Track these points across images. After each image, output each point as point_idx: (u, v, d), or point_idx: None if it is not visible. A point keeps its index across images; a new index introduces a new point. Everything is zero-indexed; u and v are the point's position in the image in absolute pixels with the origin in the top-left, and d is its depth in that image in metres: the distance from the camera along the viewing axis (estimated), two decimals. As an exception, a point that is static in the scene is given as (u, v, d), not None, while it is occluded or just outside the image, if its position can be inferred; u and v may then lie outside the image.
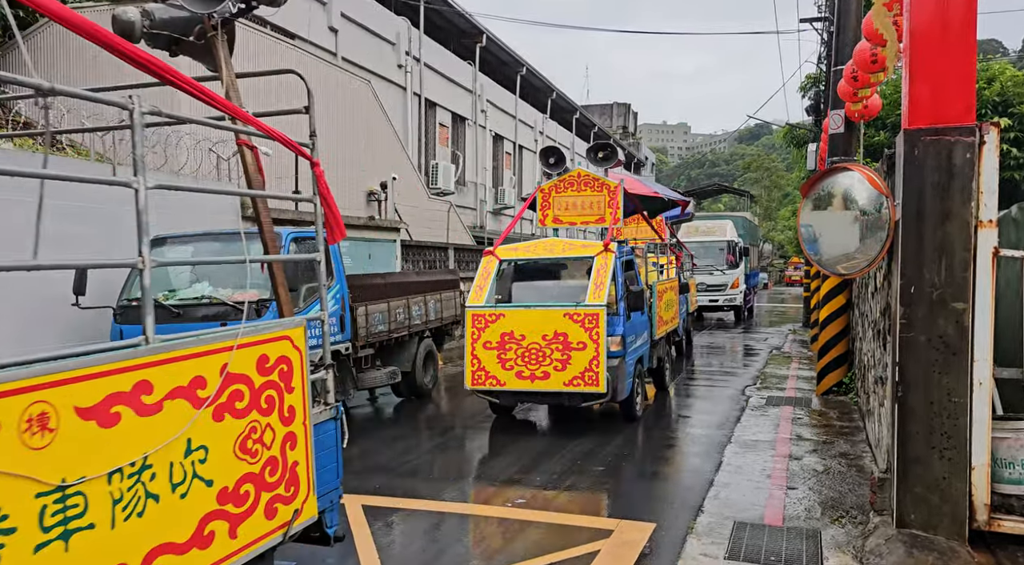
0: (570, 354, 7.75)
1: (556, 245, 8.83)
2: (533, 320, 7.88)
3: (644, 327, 9.34)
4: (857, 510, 5.48)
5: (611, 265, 8.02)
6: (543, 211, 9.43)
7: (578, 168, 9.60)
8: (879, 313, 6.41)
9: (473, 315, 8.10)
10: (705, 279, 22.24)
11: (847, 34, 9.73)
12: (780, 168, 65.27)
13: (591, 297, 7.78)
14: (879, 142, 15.19)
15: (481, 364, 8.03)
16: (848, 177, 5.43)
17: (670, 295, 11.12)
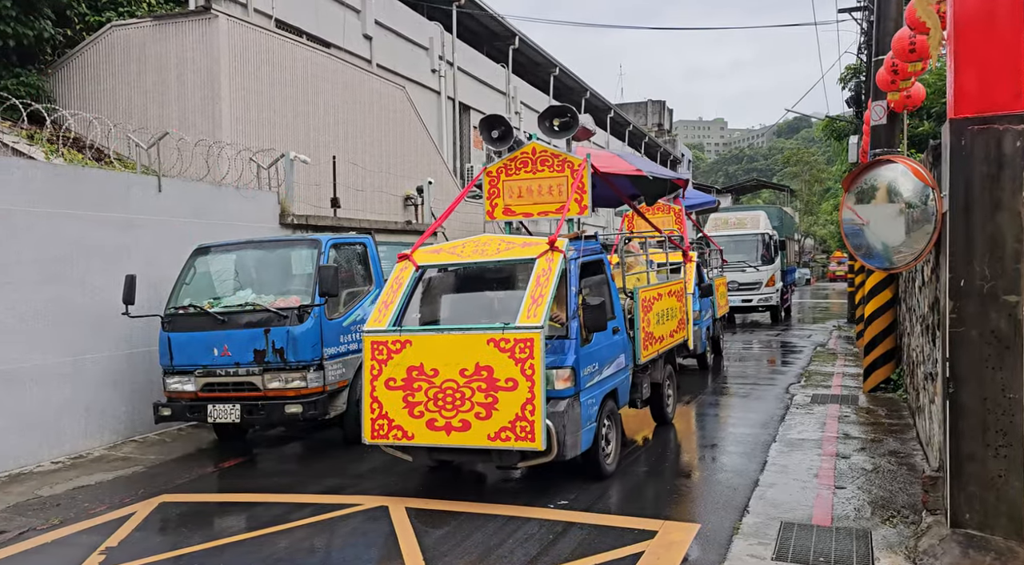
0: (496, 396, 5.62)
1: (491, 244, 6.52)
2: (448, 349, 5.77)
3: (617, 350, 6.96)
4: (909, 510, 5.35)
5: (556, 270, 5.87)
6: (491, 200, 7.34)
7: (533, 142, 7.22)
8: (927, 308, 6.26)
9: (372, 343, 5.97)
10: (736, 277, 20.20)
11: (888, 23, 9.52)
12: (820, 162, 64.11)
13: (524, 316, 5.63)
14: (924, 133, 14.82)
15: (383, 410, 5.91)
16: (892, 169, 5.32)
17: (669, 304, 8.48)
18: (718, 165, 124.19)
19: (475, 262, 6.46)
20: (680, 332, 8.96)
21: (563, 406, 5.79)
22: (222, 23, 12.23)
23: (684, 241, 11.42)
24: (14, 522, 5.97)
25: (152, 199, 8.91)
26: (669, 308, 8.50)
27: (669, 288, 8.64)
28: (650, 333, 7.68)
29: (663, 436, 8.17)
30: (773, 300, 20.97)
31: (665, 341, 8.26)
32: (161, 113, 12.42)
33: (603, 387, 6.52)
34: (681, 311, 9.09)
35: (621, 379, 7.05)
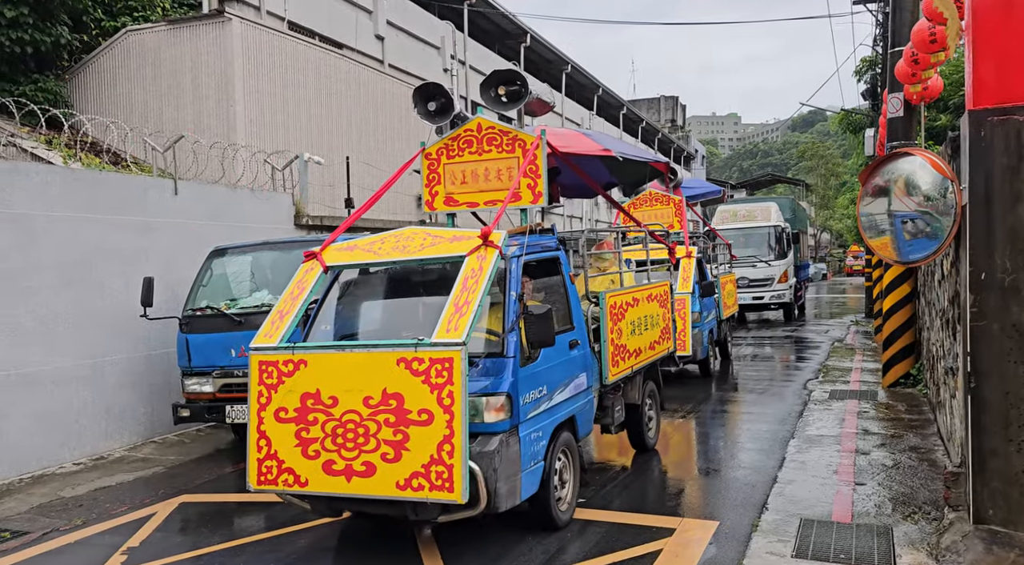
0: (406, 431, 4.37)
1: (415, 239, 5.27)
2: (350, 372, 4.55)
3: (576, 368, 5.68)
4: (930, 506, 5.30)
5: (488, 270, 4.65)
6: (430, 187, 6.13)
7: (479, 117, 5.93)
8: (947, 301, 6.18)
9: (260, 363, 4.77)
10: (747, 273, 18.89)
11: (904, 14, 9.41)
12: (836, 155, 63.62)
13: (442, 329, 4.42)
14: (941, 125, 14.66)
15: (271, 448, 4.70)
16: (910, 162, 5.26)
17: (648, 310, 7.09)
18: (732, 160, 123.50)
19: (394, 261, 5.24)
20: (665, 342, 7.55)
21: (494, 444, 4.55)
22: (235, 26, 12.31)
23: (683, 235, 10.83)
24: (38, 523, 6.04)
25: (168, 202, 8.98)
26: (649, 315, 7.06)
27: (649, 291, 7.18)
28: (622, 346, 6.35)
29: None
30: (786, 297, 19.67)
31: (644, 354, 6.90)
32: (176, 116, 12.53)
33: (554, 415, 5.25)
34: (666, 318, 7.59)
35: (581, 404, 5.74)
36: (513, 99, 6.00)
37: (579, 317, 5.92)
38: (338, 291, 5.86)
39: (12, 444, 7.32)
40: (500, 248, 4.80)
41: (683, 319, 9.54)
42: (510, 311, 4.93)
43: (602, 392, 6.27)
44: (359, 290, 5.95)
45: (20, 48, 11.95)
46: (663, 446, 7.64)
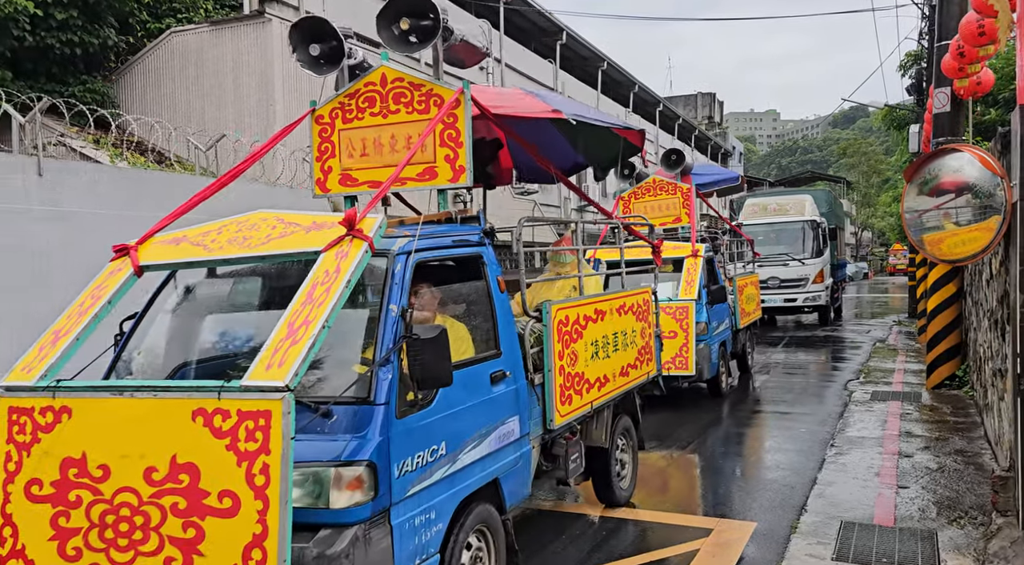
0: (199, 526, 2.75)
1: (261, 226, 3.72)
2: (128, 428, 2.92)
3: (502, 411, 4.10)
4: (977, 510, 5.17)
5: (347, 275, 3.11)
6: (321, 161, 4.55)
7: (383, 66, 4.41)
8: (996, 301, 6.02)
9: (10, 410, 3.11)
10: (777, 272, 17.31)
11: (952, 7, 9.17)
12: (878, 152, 62.27)
13: (260, 366, 2.83)
14: (991, 120, 14.25)
15: (17, 540, 3.03)
16: (957, 159, 5.14)
17: (619, 325, 5.53)
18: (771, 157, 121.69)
19: (225, 259, 3.65)
20: (644, 366, 6.00)
21: (344, 543, 2.99)
22: (275, 26, 12.51)
23: (690, 230, 9.56)
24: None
25: (210, 199, 9.15)
26: (621, 332, 5.52)
27: (621, 301, 5.60)
28: (577, 375, 4.81)
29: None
30: (821, 299, 17.77)
31: (613, 383, 5.34)
32: (218, 115, 12.78)
33: (460, 483, 3.67)
34: (646, 334, 6.08)
35: (510, 460, 4.14)
36: (423, 38, 4.50)
37: (510, 338, 4.23)
38: (175, 301, 4.21)
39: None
40: (370, 240, 3.23)
41: (686, 332, 8.26)
42: (385, 334, 3.31)
43: (547, 440, 4.67)
44: (199, 300, 4.24)
45: (69, 50, 12.29)
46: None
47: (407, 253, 3.62)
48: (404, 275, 3.55)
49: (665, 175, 10.12)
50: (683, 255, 9.00)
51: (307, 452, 3.02)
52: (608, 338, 5.35)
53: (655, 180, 10.06)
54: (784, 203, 18.85)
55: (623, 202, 10.17)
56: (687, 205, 9.90)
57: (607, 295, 5.57)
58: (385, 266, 3.55)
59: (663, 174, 10.17)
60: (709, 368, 8.93)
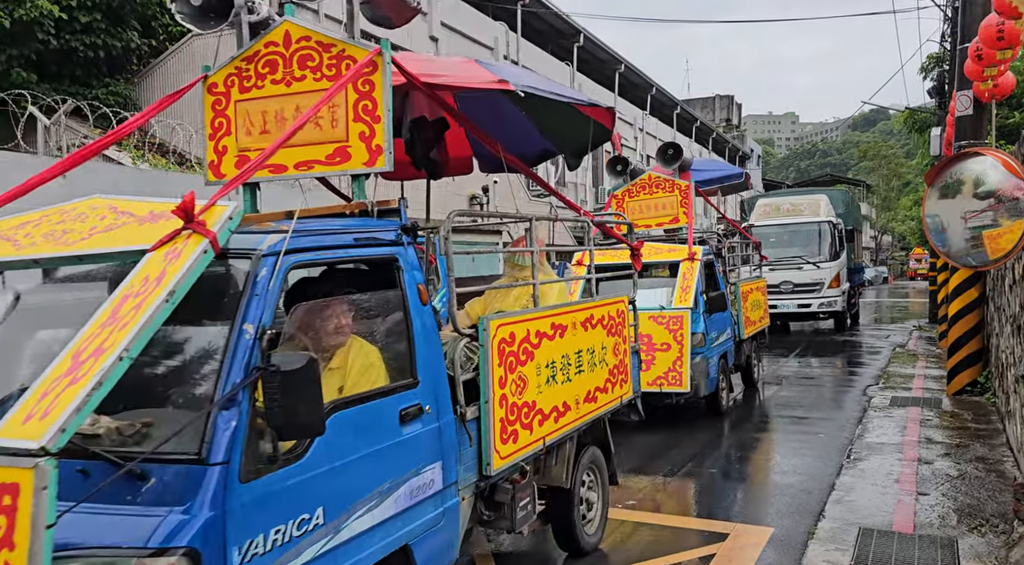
0: None
1: (89, 216, 2.75)
2: None
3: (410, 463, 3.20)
4: (999, 518, 5.10)
5: (170, 284, 2.23)
6: (215, 140, 3.79)
7: (285, 22, 3.69)
8: (1019, 307, 5.94)
9: None
10: (791, 276, 16.44)
11: (975, 9, 9.08)
12: (899, 155, 61.69)
13: (14, 421, 1.91)
14: (1014, 123, 14.08)
15: None
16: (979, 162, 5.09)
17: (584, 342, 4.67)
18: (789, 160, 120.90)
19: (34, 258, 2.71)
20: (617, 388, 5.10)
21: None
22: (295, 29, 12.62)
23: (688, 231, 8.63)
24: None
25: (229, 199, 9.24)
26: (586, 350, 4.64)
27: (588, 312, 4.71)
28: (526, 405, 3.92)
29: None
30: (837, 305, 16.81)
31: (575, 412, 4.44)
32: (238, 118, 12.90)
33: (349, 559, 2.83)
34: (620, 351, 5.19)
35: (427, 518, 3.29)
36: None
37: (432, 363, 3.35)
38: None
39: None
40: (213, 235, 2.46)
41: (680, 344, 7.48)
42: (232, 365, 2.48)
43: (483, 488, 3.78)
44: (23, 314, 3.07)
45: (93, 53, 12.47)
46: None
47: (276, 254, 2.71)
48: (269, 283, 2.64)
49: (662, 171, 9.36)
50: (679, 259, 8.20)
51: (105, 533, 2.20)
52: (569, 358, 4.43)
53: (651, 177, 9.32)
54: (798, 203, 17.88)
55: (616, 200, 9.44)
56: (686, 204, 9.01)
57: (569, 306, 4.62)
58: (250, 272, 2.64)
59: (660, 170, 9.41)
60: (707, 384, 8.03)
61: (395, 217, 3.43)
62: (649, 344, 7.43)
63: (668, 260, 8.34)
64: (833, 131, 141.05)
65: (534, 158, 5.58)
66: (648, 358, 7.35)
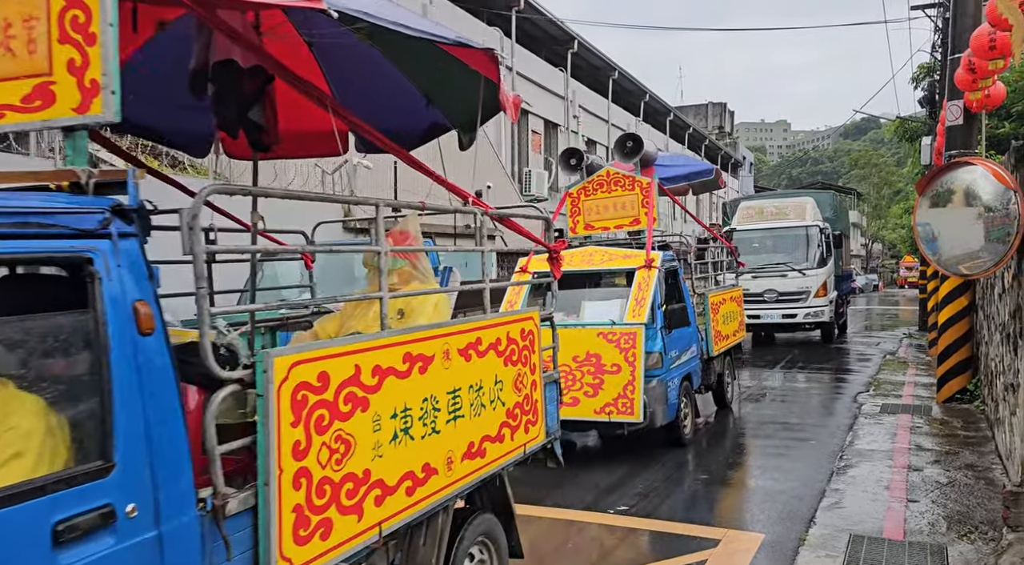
0: None
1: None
2: None
3: None
4: (988, 525, 5.13)
5: None
6: None
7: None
8: (1008, 316, 5.99)
9: None
10: (775, 284, 15.64)
11: (965, 19, 9.17)
12: (890, 164, 62.05)
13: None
14: (1004, 133, 14.18)
15: None
16: (970, 172, 5.14)
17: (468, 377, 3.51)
18: (781, 168, 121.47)
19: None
20: (520, 433, 3.98)
21: None
22: (290, 33, 12.60)
23: (647, 235, 7.81)
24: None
25: (223, 203, 9.21)
26: (471, 386, 3.55)
27: (472, 337, 3.59)
28: (348, 480, 2.69)
29: None
30: (824, 315, 15.85)
31: (447, 475, 3.30)
32: (232, 121, 12.87)
33: None
34: (526, 384, 4.05)
35: None
36: None
37: (151, 431, 2.13)
38: None
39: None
40: None
41: (632, 365, 6.54)
42: None
43: None
44: None
45: (86, 54, 12.41)
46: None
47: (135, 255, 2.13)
48: None
49: (621, 167, 8.45)
50: (634, 266, 7.25)
51: None
52: (438, 401, 3.22)
53: (609, 173, 8.42)
54: (783, 206, 16.86)
55: (571, 199, 8.56)
56: (646, 204, 8.06)
57: (439, 328, 3.30)
58: None
59: (620, 166, 8.50)
60: (664, 411, 7.03)
61: (111, 193, 2.17)
62: (597, 365, 6.65)
63: (621, 268, 7.48)
64: (825, 139, 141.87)
65: (422, 134, 4.37)
66: (596, 382, 6.62)
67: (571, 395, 6.51)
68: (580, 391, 6.62)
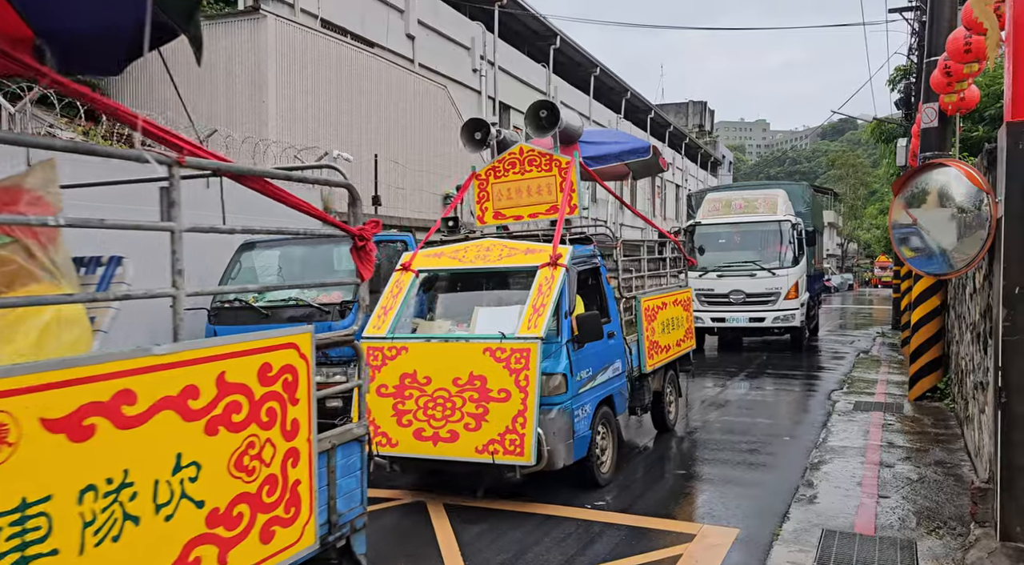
0: None
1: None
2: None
3: None
4: (956, 521, 5.23)
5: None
6: None
7: None
8: (979, 315, 6.10)
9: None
10: (742, 285, 14.61)
11: (941, 23, 9.30)
12: (866, 164, 62.88)
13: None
14: (978, 136, 14.44)
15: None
16: (944, 173, 5.20)
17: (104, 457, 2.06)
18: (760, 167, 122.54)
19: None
20: (249, 549, 2.56)
21: None
22: (270, 23, 12.48)
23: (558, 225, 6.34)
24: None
25: (200, 194, 9.10)
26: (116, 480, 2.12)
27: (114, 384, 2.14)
28: None
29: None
30: (795, 319, 14.58)
31: None
32: (210, 110, 12.72)
33: None
34: (267, 463, 2.67)
35: None
36: None
37: None
38: None
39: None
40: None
41: (524, 392, 5.18)
42: None
43: None
44: None
45: (61, 41, 12.19)
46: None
47: None
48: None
49: (539, 143, 7.22)
50: (535, 264, 5.84)
51: None
52: None
53: (523, 150, 7.02)
54: (752, 198, 15.51)
55: (479, 182, 7.19)
56: (564, 186, 6.71)
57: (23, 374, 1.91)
58: None
59: (538, 143, 7.27)
60: (569, 448, 5.55)
61: None
62: (482, 390, 5.29)
63: (519, 266, 6.02)
64: (803, 139, 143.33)
65: (129, 35, 2.67)
66: (479, 412, 5.27)
67: (449, 428, 5.32)
68: (460, 423, 5.30)
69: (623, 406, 6.85)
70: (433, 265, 6.27)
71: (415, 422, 5.43)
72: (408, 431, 5.44)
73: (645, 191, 35.79)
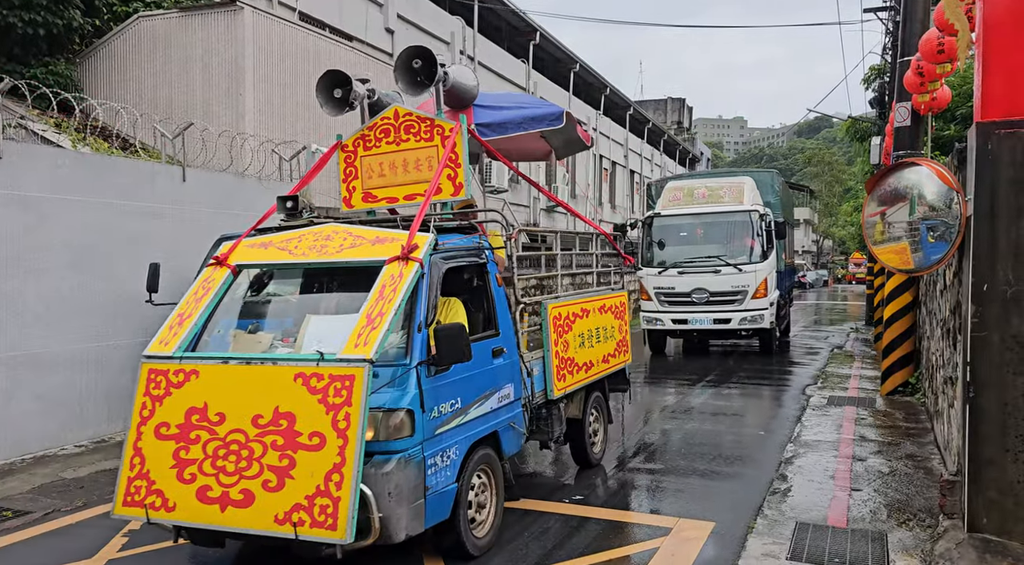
0: None
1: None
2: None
3: None
4: (925, 513, 5.35)
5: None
6: None
7: None
8: (948, 312, 6.22)
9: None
10: (706, 282, 13.28)
11: (914, 24, 9.44)
12: (841, 162, 63.65)
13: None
14: (949, 136, 14.68)
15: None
16: (916, 172, 5.30)
17: None
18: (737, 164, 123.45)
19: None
20: None
21: None
22: (247, 15, 12.35)
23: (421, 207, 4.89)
24: (39, 503, 6.09)
25: (177, 188, 9.02)
26: None
27: None
28: None
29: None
30: (764, 320, 13.23)
31: None
32: (186, 103, 12.57)
33: None
34: None
35: None
36: None
37: None
38: None
39: (15, 425, 7.36)
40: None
41: (343, 438, 3.76)
42: None
43: None
44: None
45: (32, 30, 11.97)
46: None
47: None
48: None
49: (423, 108, 5.89)
50: (381, 259, 4.37)
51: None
52: None
53: (399, 114, 5.44)
54: (716, 187, 13.99)
55: (344, 155, 5.59)
56: (453, 162, 5.24)
57: None
58: None
59: (426, 107, 5.94)
60: (418, 513, 4.08)
61: None
62: (287, 434, 3.87)
63: (361, 260, 4.49)
64: (780, 137, 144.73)
65: None
66: (283, 464, 3.83)
67: (242, 486, 3.86)
68: (257, 479, 3.85)
69: (516, 444, 5.28)
70: (256, 258, 4.76)
71: (200, 476, 3.93)
72: (191, 489, 3.94)
73: (624, 187, 35.93)
